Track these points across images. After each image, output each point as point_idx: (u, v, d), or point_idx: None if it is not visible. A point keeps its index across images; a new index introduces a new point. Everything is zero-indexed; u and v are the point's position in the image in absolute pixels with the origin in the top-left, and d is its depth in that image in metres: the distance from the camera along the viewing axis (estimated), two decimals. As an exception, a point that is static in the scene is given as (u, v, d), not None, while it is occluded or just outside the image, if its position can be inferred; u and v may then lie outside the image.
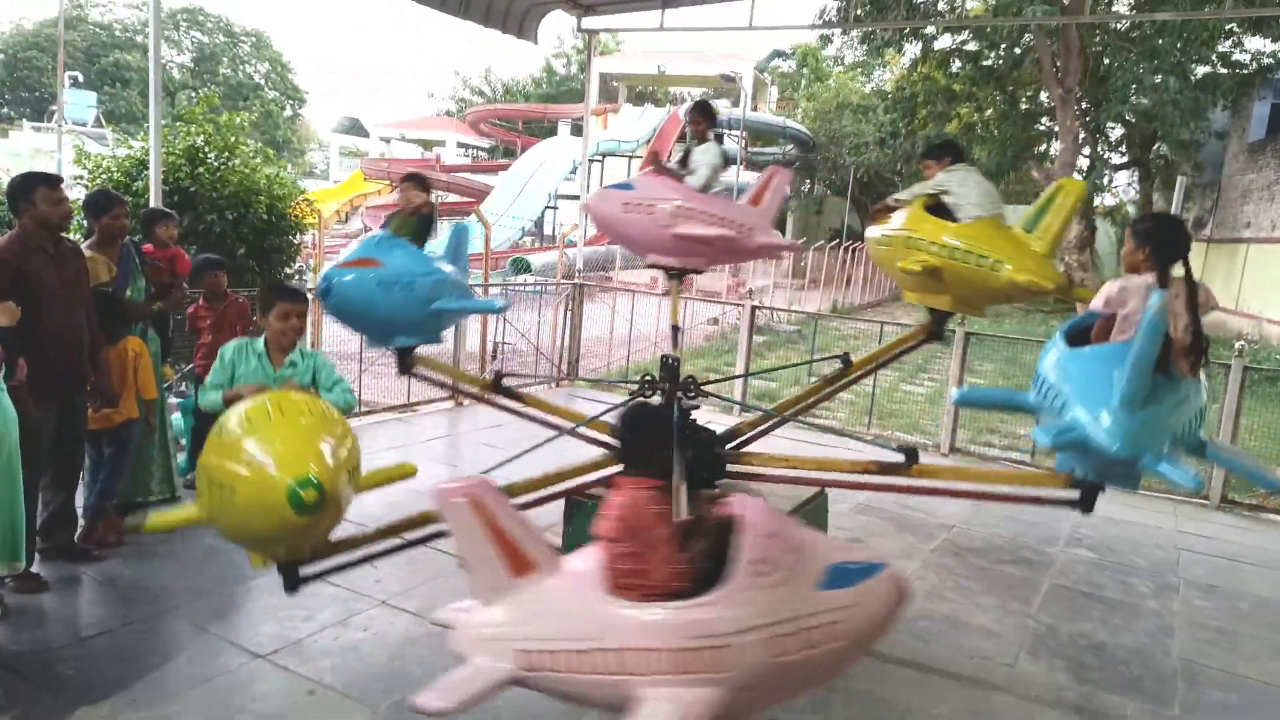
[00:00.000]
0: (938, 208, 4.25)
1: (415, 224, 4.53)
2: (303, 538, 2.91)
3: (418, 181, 4.75)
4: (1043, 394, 3.25)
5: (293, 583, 3.21)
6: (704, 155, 4.71)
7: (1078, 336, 3.38)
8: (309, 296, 4.36)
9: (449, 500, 2.54)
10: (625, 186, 4.79)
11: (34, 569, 4.26)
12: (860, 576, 2.45)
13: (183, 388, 6.29)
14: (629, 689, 2.30)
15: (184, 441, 5.98)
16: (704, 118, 4.84)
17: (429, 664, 3.81)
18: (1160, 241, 3.19)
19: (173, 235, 5.59)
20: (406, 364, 4.56)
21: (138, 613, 4.14)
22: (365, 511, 4.08)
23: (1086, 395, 2.99)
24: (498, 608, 2.54)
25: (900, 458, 4.05)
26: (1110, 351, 3.10)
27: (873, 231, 4.56)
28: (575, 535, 4.13)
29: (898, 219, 4.39)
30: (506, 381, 4.86)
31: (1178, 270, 3.14)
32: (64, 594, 4.30)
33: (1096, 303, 3.26)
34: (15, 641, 3.80)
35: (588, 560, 2.51)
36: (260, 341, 3.64)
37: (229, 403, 3.16)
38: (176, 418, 5.94)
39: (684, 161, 4.79)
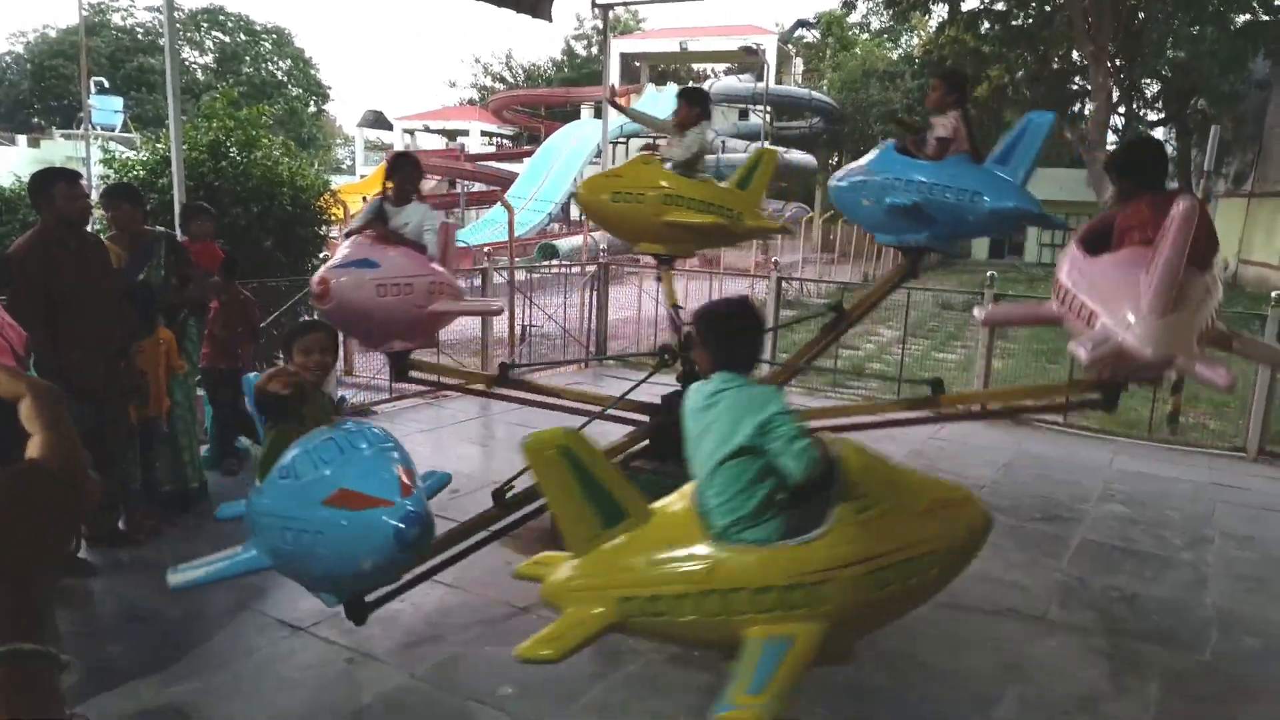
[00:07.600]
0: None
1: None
2: None
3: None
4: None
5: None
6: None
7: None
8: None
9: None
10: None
11: (81, 555, 4.42)
12: None
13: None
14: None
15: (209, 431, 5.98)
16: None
17: (466, 631, 3.93)
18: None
19: (206, 230, 5.71)
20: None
21: (178, 594, 4.26)
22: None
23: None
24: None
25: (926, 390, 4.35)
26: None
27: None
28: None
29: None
30: (525, 369, 5.16)
31: None
32: (109, 578, 4.45)
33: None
34: (67, 621, 3.94)
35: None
36: None
37: None
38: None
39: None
